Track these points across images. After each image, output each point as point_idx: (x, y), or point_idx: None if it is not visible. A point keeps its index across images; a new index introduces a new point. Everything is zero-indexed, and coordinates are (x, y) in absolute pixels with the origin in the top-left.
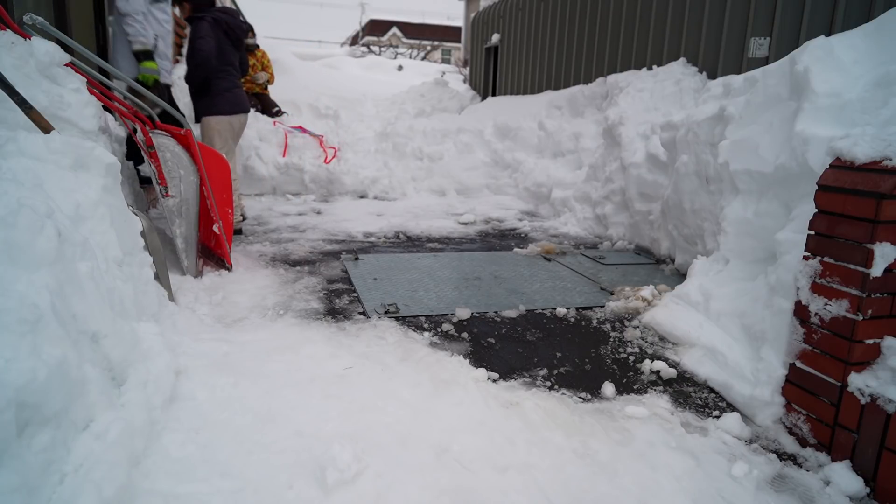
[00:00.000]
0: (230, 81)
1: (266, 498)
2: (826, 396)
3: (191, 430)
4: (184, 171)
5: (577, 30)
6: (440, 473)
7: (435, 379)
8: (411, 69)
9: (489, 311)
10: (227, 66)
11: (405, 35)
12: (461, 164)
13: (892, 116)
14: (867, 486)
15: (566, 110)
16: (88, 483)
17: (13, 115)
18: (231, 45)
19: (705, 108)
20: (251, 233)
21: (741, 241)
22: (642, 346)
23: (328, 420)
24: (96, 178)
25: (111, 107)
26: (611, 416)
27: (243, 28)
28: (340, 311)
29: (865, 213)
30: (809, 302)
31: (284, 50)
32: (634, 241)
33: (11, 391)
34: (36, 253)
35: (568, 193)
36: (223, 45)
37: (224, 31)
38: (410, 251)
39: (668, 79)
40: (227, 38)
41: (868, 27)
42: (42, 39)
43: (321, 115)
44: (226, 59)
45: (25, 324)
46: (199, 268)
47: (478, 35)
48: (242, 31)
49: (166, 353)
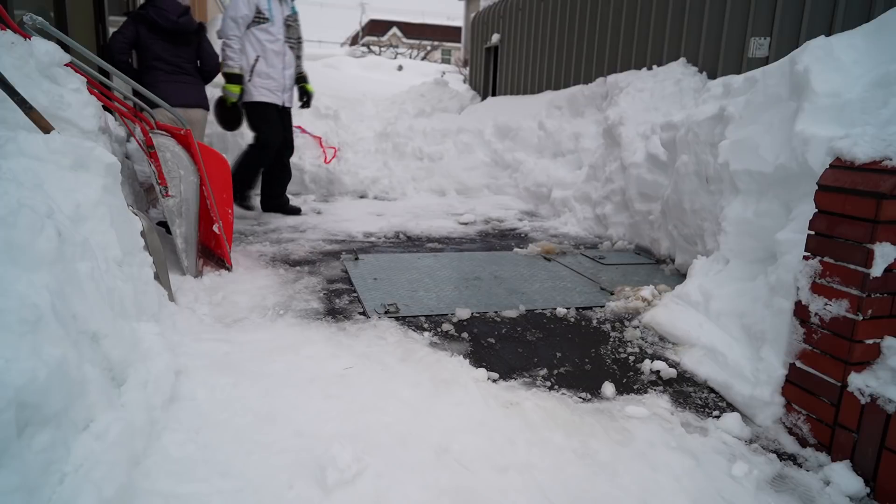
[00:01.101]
0: (153, 76)
1: (266, 498)
2: (826, 396)
3: (191, 430)
4: (184, 171)
5: (577, 30)
6: (440, 473)
7: (435, 379)
8: (411, 69)
9: (489, 311)
10: (155, 60)
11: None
12: (461, 164)
13: (892, 116)
14: (867, 486)
15: (566, 110)
16: (88, 483)
17: (13, 115)
18: (161, 40)
19: (705, 108)
20: (251, 233)
21: (741, 241)
22: (642, 346)
23: (328, 420)
24: (96, 178)
25: (111, 107)
26: (611, 416)
27: (178, 21)
28: (340, 311)
29: (865, 213)
30: (809, 302)
31: None
32: (634, 241)
33: (11, 391)
34: (36, 253)
35: (568, 193)
36: (146, 40)
37: (148, 26)
38: (410, 251)
39: (668, 79)
40: (153, 33)
41: (868, 27)
42: (42, 39)
43: (321, 115)
44: (150, 54)
45: (25, 324)
46: (199, 268)
47: (478, 35)
48: (175, 23)
49: (166, 353)
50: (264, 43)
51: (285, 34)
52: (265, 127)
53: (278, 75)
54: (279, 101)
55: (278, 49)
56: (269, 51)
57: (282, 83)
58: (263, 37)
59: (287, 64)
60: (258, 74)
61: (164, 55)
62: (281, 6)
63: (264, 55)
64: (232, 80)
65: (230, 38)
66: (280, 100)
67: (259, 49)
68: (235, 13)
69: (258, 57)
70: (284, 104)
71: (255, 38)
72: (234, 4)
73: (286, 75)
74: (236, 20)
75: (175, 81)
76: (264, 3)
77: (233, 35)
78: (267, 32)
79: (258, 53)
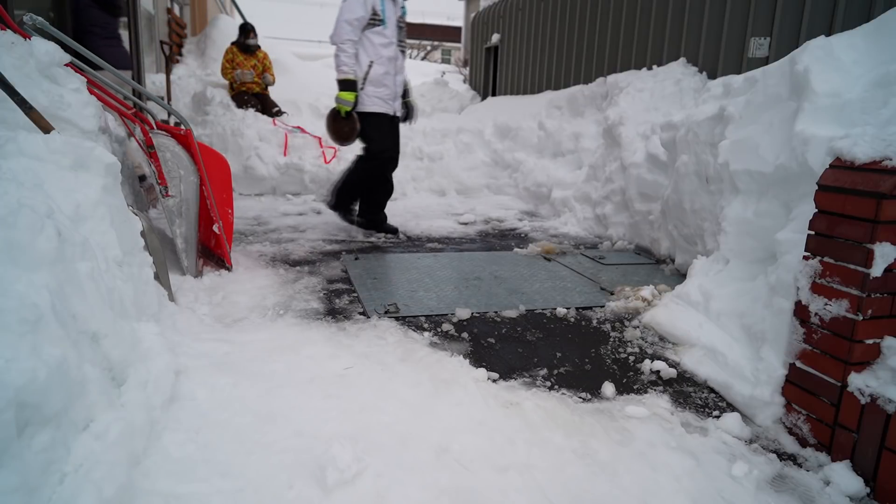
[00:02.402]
0: (93, 42)
1: (266, 498)
2: (826, 396)
3: (191, 430)
4: (184, 171)
5: (577, 30)
6: (440, 473)
7: (435, 379)
8: (411, 69)
9: (489, 311)
10: (92, 27)
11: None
12: (461, 164)
13: (892, 116)
14: (867, 486)
15: (566, 110)
16: (88, 483)
17: (13, 115)
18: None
19: (705, 108)
20: (251, 233)
21: (741, 241)
22: (642, 346)
23: (328, 420)
24: (96, 178)
25: (111, 107)
26: (611, 416)
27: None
28: (340, 311)
29: (865, 213)
30: (809, 302)
31: (285, 50)
32: (634, 241)
33: (11, 391)
34: (36, 253)
35: (568, 193)
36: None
37: None
38: (410, 251)
39: (668, 79)
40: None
41: (868, 27)
42: (42, 39)
43: (321, 115)
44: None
45: (25, 324)
46: (199, 268)
47: (478, 35)
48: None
49: (166, 353)
50: (378, 47)
51: (398, 37)
52: (378, 136)
53: (391, 82)
54: (391, 111)
55: (392, 54)
56: (382, 56)
57: (394, 91)
58: (377, 40)
59: (398, 69)
60: (371, 82)
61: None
62: (394, 6)
63: (378, 60)
64: (346, 88)
65: (345, 42)
66: (392, 109)
67: (373, 54)
68: (351, 15)
69: (371, 62)
70: (396, 113)
71: (368, 43)
72: (350, 6)
73: (398, 82)
74: (352, 23)
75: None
76: (379, 4)
77: (348, 39)
78: (381, 35)
79: (372, 59)
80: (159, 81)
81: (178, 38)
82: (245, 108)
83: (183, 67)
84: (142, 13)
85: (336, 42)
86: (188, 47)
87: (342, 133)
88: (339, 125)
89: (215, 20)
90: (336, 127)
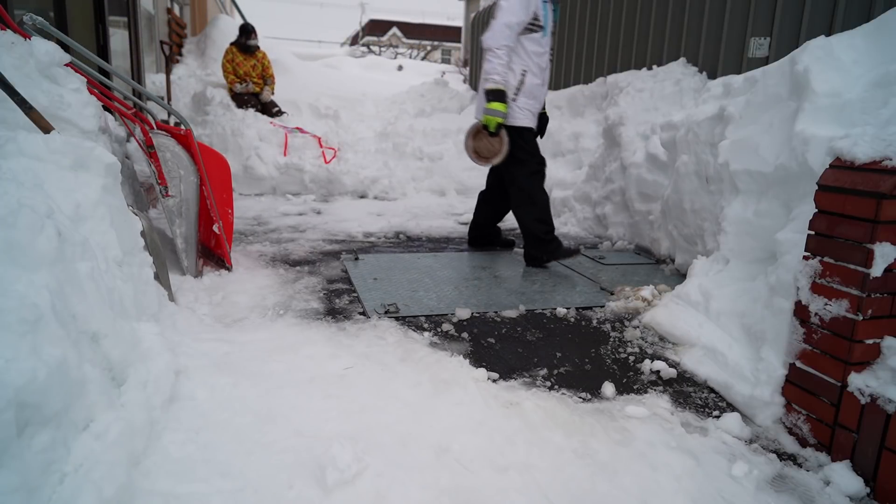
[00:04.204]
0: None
1: (266, 498)
2: (826, 396)
3: (191, 430)
4: (184, 171)
5: (577, 30)
6: (440, 473)
7: (435, 379)
8: (411, 69)
9: (489, 311)
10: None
11: (405, 35)
12: (461, 164)
13: (892, 116)
14: (867, 486)
15: (566, 110)
16: (88, 483)
17: (13, 115)
18: None
19: (705, 108)
20: (251, 233)
21: (741, 241)
22: (642, 346)
23: (328, 420)
24: (96, 178)
25: (111, 107)
26: (611, 416)
27: None
28: (340, 311)
29: (865, 213)
30: (809, 302)
31: (284, 50)
32: (634, 241)
33: (11, 391)
34: (36, 253)
35: (568, 193)
36: None
37: None
38: (410, 251)
39: (668, 79)
40: None
41: (868, 27)
42: (42, 39)
43: (321, 115)
44: None
45: (25, 324)
46: (199, 268)
47: (478, 35)
48: None
49: (166, 353)
50: (532, 55)
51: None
52: (531, 149)
53: (540, 93)
54: (534, 125)
55: (545, 64)
56: (536, 64)
57: (542, 103)
58: (533, 48)
59: (545, 80)
60: (525, 93)
61: None
62: (552, 13)
63: (532, 70)
64: (497, 98)
65: (501, 47)
66: (534, 122)
67: (527, 62)
68: (513, 18)
69: (525, 71)
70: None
71: (523, 50)
72: (512, 8)
73: (544, 93)
74: (511, 27)
75: None
76: (541, 9)
77: (505, 45)
78: (538, 44)
79: (525, 67)
80: (159, 81)
81: (178, 38)
82: (245, 108)
83: (183, 67)
84: (142, 13)
85: (492, 46)
86: (188, 47)
87: (489, 150)
88: (486, 142)
89: (215, 20)
90: (482, 144)
